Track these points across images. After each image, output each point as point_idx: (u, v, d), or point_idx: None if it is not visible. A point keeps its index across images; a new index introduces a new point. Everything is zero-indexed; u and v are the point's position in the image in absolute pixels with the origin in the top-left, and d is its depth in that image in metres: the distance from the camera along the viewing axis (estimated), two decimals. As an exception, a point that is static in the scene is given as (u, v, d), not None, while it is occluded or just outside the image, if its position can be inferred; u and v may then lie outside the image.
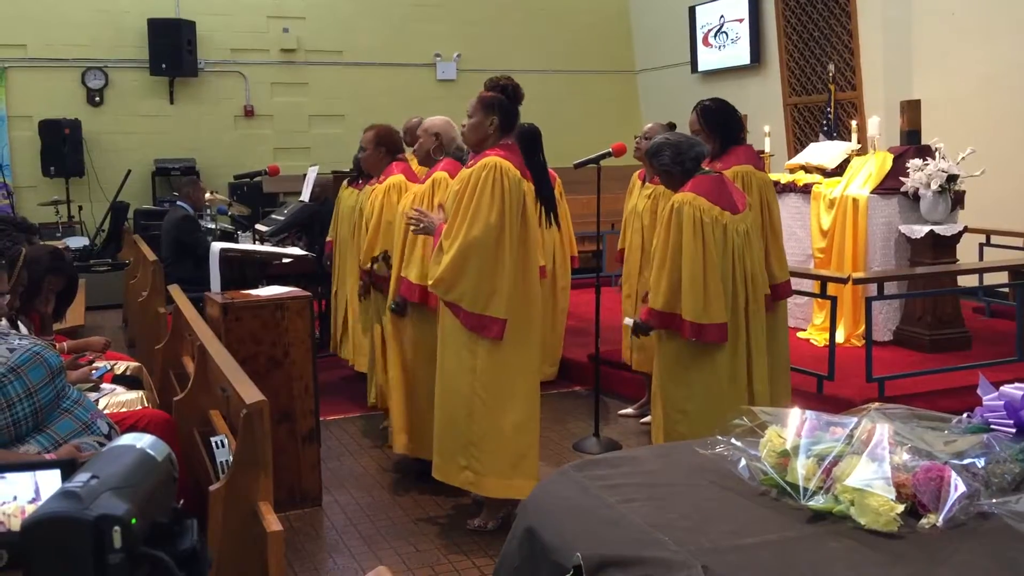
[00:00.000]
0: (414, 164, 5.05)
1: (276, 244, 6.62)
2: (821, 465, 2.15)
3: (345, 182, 6.25)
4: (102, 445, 2.86)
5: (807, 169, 6.86)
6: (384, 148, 5.00)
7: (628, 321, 4.22)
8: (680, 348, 3.82)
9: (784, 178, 6.84)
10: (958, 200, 6.13)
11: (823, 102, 8.96)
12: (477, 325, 3.61)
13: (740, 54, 10.42)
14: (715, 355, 3.76)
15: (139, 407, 3.72)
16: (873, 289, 5.54)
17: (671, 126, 5.28)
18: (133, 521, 1.05)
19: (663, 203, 4.25)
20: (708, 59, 10.89)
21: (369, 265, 4.59)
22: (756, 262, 3.88)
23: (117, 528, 1.04)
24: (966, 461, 2.15)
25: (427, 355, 4.03)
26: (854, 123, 7.15)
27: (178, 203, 7.42)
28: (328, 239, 6.29)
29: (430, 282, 3.71)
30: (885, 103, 8.21)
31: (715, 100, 4.35)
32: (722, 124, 4.22)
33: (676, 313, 3.75)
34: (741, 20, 10.36)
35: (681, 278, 3.74)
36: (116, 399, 3.75)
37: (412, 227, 3.92)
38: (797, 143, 9.58)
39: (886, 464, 2.08)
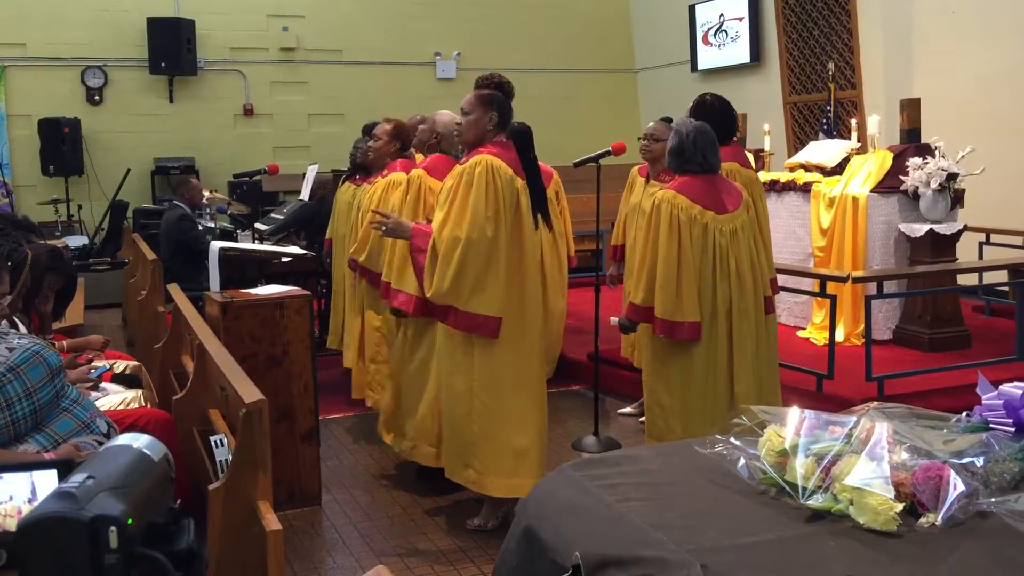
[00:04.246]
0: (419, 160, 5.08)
1: (275, 243, 6.61)
2: (820, 464, 2.14)
3: (342, 179, 6.25)
4: (101, 444, 2.86)
5: (807, 168, 6.86)
6: (398, 143, 5.03)
7: (614, 320, 4.23)
8: (659, 344, 3.86)
9: (784, 177, 6.84)
10: (958, 199, 6.13)
11: (823, 100, 8.95)
12: (471, 324, 3.59)
13: (740, 53, 10.42)
14: (691, 352, 3.77)
15: (138, 406, 3.72)
16: (873, 288, 5.54)
17: (667, 121, 5.29)
18: (129, 521, 1.05)
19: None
20: (708, 58, 10.88)
21: (361, 257, 4.60)
22: (744, 262, 3.83)
23: (113, 528, 1.03)
24: (965, 460, 2.15)
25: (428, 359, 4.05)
26: (854, 122, 7.15)
27: (175, 202, 7.42)
28: (327, 237, 6.28)
29: (429, 291, 3.63)
30: (885, 102, 8.21)
31: (715, 97, 4.46)
32: (709, 122, 4.24)
33: (652, 308, 3.78)
34: (741, 19, 10.36)
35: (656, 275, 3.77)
36: (115, 398, 3.75)
37: (377, 229, 3.90)
38: (797, 142, 9.57)
39: (885, 463, 2.08)
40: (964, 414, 2.46)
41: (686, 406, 3.80)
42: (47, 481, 2.01)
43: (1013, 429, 2.31)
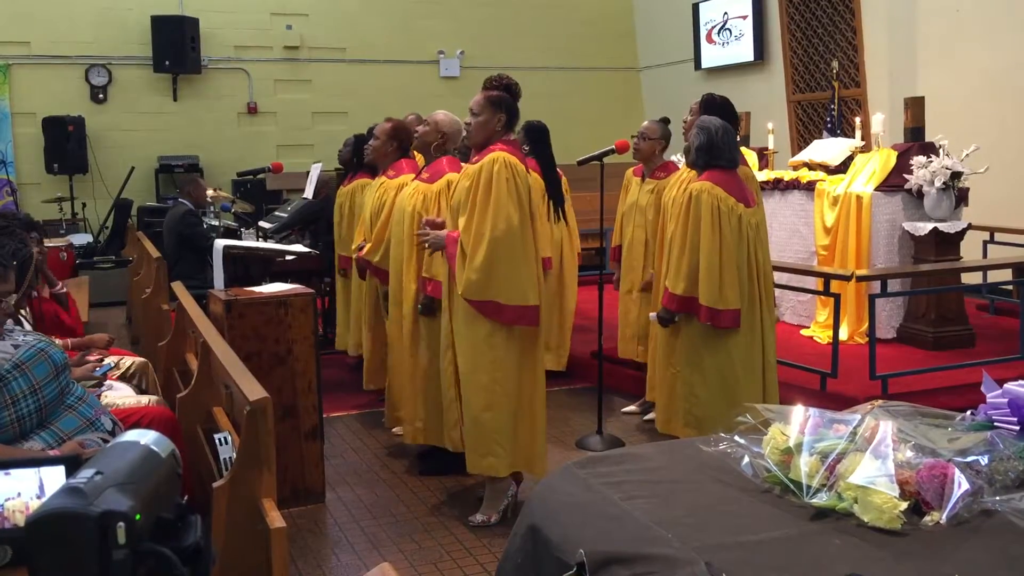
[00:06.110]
0: (420, 161, 5.07)
1: (279, 241, 6.62)
2: (824, 462, 2.15)
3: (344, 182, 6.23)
4: (106, 441, 2.87)
5: (811, 166, 6.85)
6: (396, 143, 5.05)
7: (653, 316, 4.27)
8: (697, 334, 3.95)
9: (788, 175, 6.83)
10: (962, 197, 6.12)
11: (827, 99, 8.94)
12: (517, 317, 3.64)
13: (744, 51, 10.41)
14: (730, 341, 3.88)
15: (143, 404, 3.72)
16: (876, 286, 5.53)
17: (664, 121, 5.33)
18: (137, 517, 1.05)
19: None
20: (712, 56, 10.88)
21: (375, 258, 4.64)
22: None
23: (121, 524, 1.04)
24: (970, 458, 2.15)
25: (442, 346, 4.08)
26: (858, 120, 7.13)
27: (180, 200, 7.43)
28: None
29: (460, 289, 3.68)
30: (889, 100, 8.20)
31: (721, 97, 4.55)
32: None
33: (695, 297, 3.89)
34: (745, 17, 10.35)
35: (699, 264, 3.87)
36: (120, 396, 3.76)
37: (422, 245, 3.97)
38: (801, 140, 9.57)
39: (889, 461, 2.08)
40: (968, 412, 2.46)
41: (724, 395, 3.89)
42: (55, 477, 2.02)
43: (1018, 427, 2.31)
